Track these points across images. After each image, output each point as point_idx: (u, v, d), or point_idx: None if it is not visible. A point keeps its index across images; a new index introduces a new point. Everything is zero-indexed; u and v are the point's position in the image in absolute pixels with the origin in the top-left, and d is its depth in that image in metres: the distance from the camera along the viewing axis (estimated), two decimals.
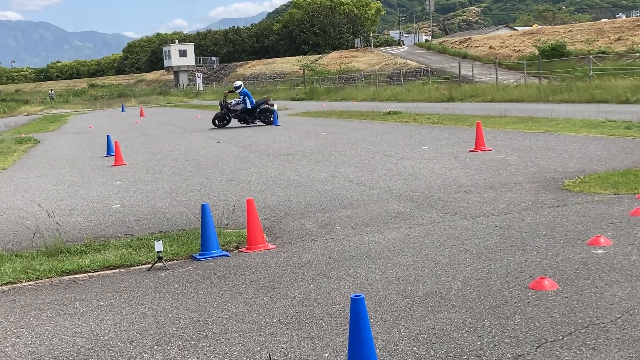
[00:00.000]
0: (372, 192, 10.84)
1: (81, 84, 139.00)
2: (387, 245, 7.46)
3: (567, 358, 4.25)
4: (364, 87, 55.32)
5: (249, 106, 27.91)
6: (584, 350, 4.36)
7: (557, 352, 4.34)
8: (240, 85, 28.24)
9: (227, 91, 30.71)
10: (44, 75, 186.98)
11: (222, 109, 28.54)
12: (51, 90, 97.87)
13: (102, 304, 6.18)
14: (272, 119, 28.11)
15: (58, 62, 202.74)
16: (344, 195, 10.69)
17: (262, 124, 28.32)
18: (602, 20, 72.02)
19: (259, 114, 28.21)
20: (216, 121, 28.59)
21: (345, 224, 8.74)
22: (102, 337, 5.28)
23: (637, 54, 42.62)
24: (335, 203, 10.16)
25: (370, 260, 6.94)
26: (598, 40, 54.14)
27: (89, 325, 5.59)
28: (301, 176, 13.10)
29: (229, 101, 28.55)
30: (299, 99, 55.26)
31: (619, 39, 52.84)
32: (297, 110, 38.55)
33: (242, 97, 28.00)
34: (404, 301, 5.58)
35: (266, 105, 28.38)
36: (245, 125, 28.27)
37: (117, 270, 7.35)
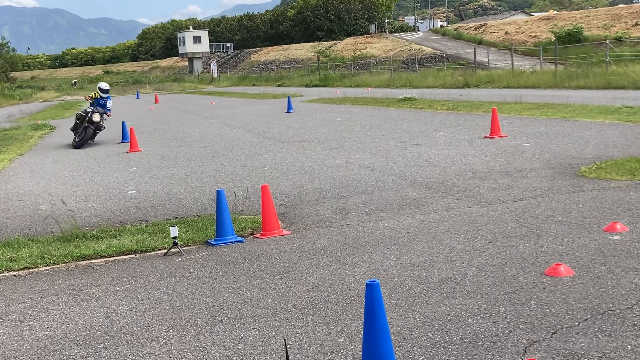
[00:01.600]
0: (386, 178, 10.82)
1: (96, 70, 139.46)
2: (401, 232, 7.45)
3: (582, 344, 4.23)
4: (379, 74, 55.12)
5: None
6: (599, 336, 4.34)
7: (573, 339, 4.33)
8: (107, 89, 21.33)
9: (89, 97, 21.50)
10: (59, 62, 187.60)
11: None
12: (74, 80, 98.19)
13: (118, 288, 6.22)
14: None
15: (73, 49, 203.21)
16: (359, 182, 10.68)
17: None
18: (619, 5, 71.34)
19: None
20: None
21: (359, 210, 8.73)
22: (118, 322, 5.32)
23: None
24: (350, 189, 10.15)
25: (384, 246, 6.93)
26: (615, 26, 53.59)
27: (105, 310, 5.63)
28: (315, 162, 13.09)
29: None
30: (313, 86, 55.14)
31: (636, 24, 52.28)
32: (311, 96, 38.48)
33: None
34: (418, 287, 5.57)
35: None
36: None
37: (133, 255, 7.39)
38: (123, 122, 21.13)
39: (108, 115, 21.09)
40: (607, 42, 39.22)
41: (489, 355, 4.19)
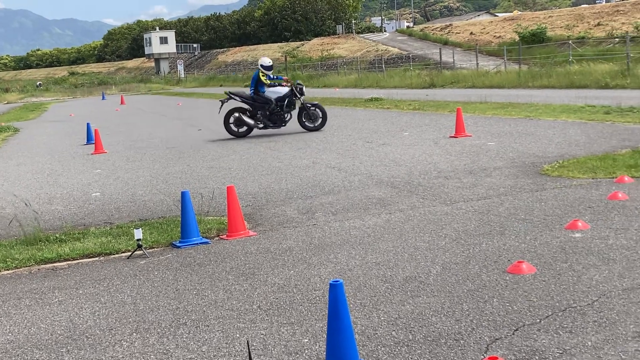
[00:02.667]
0: (353, 178, 10.85)
1: (61, 72, 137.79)
2: (367, 231, 7.47)
3: (544, 341, 4.29)
4: (346, 74, 55.26)
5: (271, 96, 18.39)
6: (561, 333, 4.39)
7: (535, 335, 4.38)
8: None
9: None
10: (23, 63, 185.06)
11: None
12: (39, 82, 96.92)
13: (81, 292, 6.15)
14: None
15: (38, 50, 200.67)
16: (325, 182, 10.70)
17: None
18: (582, 5, 72.30)
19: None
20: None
21: (326, 210, 8.74)
22: (80, 326, 5.26)
23: (617, 39, 42.84)
24: (317, 189, 10.16)
25: (350, 246, 6.95)
26: (578, 26, 54.31)
27: (67, 314, 5.57)
28: (283, 163, 13.09)
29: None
30: None
31: (598, 24, 53.05)
32: None
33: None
34: (383, 286, 5.60)
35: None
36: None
37: (97, 258, 7.31)
38: (88, 124, 20.92)
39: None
40: (570, 42, 39.77)
41: (452, 353, 4.22)
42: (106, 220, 9.19)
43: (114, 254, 7.39)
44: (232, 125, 18.69)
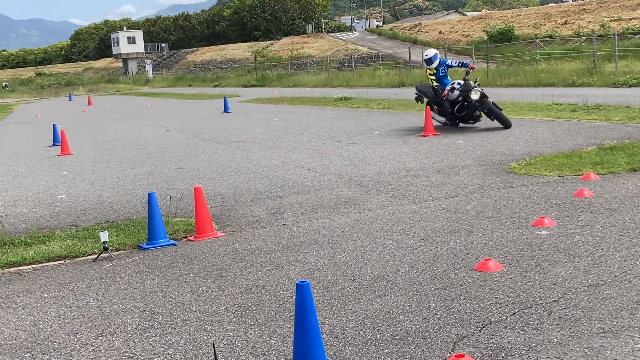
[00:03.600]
0: (322, 178, 10.84)
1: (28, 72, 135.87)
2: (336, 231, 7.47)
3: (510, 338, 4.31)
4: (316, 73, 55.23)
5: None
6: (527, 330, 4.42)
7: (501, 332, 4.40)
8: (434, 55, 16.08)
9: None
10: None
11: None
12: (5, 83, 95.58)
13: (46, 295, 6.06)
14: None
15: (4, 50, 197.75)
16: (295, 182, 10.67)
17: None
18: (549, 4, 73.01)
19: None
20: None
21: (295, 210, 8.72)
22: (45, 330, 5.18)
23: (583, 37, 43.35)
24: (286, 189, 10.13)
25: (319, 245, 6.94)
26: (545, 25, 54.87)
27: (32, 318, 5.48)
28: (252, 163, 13.04)
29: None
30: (251, 86, 54.96)
31: (565, 22, 53.63)
32: (249, 97, 38.34)
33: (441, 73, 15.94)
34: (351, 286, 5.59)
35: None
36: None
37: (62, 261, 7.22)
38: (54, 125, 20.66)
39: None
40: (537, 40, 40.15)
41: (419, 352, 4.22)
42: (72, 222, 9.08)
43: (79, 257, 7.30)
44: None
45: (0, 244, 7.81)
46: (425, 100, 16.53)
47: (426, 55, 16.06)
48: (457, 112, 15.53)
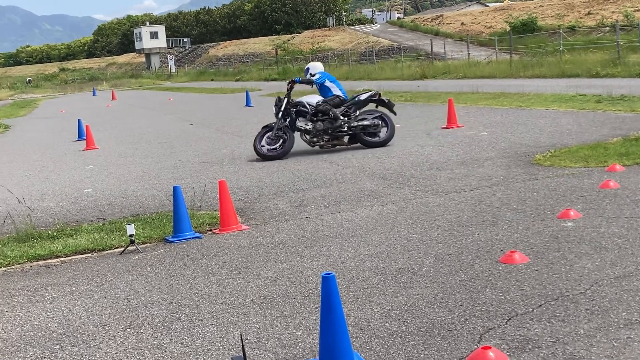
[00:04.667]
0: (345, 170, 10.85)
1: (52, 68, 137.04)
2: (359, 224, 7.48)
3: (537, 330, 4.30)
4: (337, 67, 55.15)
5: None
6: (553, 322, 4.41)
7: (527, 325, 4.39)
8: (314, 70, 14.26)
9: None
10: (13, 60, 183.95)
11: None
12: (29, 78, 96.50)
13: (74, 288, 6.14)
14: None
15: (28, 46, 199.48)
16: (317, 175, 10.69)
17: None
18: None
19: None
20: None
21: (318, 203, 8.74)
22: (74, 322, 5.25)
23: (607, 28, 42.90)
24: (309, 182, 10.16)
25: (343, 238, 6.95)
26: (568, 15, 54.38)
27: (60, 311, 5.56)
28: None
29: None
30: (272, 79, 55.01)
31: (589, 13, 53.11)
32: (270, 90, 38.38)
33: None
34: (376, 278, 5.60)
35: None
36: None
37: (90, 254, 7.30)
38: (79, 120, 20.84)
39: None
40: (561, 31, 39.79)
41: (445, 344, 4.23)
42: (98, 216, 9.17)
43: (106, 250, 7.38)
44: None
45: (28, 238, 7.91)
46: None
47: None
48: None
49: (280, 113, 13.05)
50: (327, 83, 13.62)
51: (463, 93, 23.05)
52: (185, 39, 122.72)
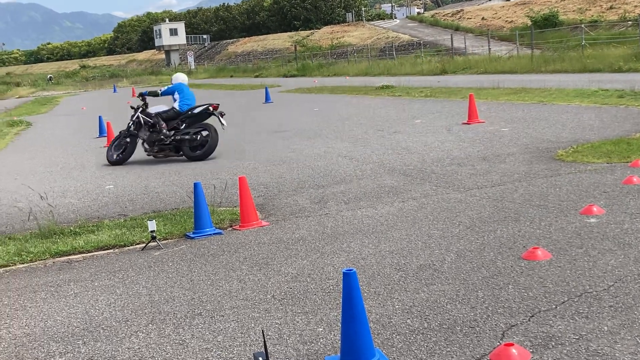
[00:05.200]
0: (365, 167, 10.83)
1: (72, 65, 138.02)
2: (380, 220, 7.46)
3: (560, 327, 4.26)
4: (356, 62, 55.09)
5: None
6: (577, 318, 4.37)
7: (550, 321, 4.35)
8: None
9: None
10: (34, 57, 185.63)
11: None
12: (50, 75, 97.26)
13: (96, 284, 6.18)
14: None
15: (48, 43, 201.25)
16: (337, 171, 10.68)
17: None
18: None
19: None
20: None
21: (338, 199, 8.73)
22: (96, 317, 5.28)
23: (629, 22, 42.46)
24: (329, 179, 10.14)
25: (363, 234, 6.94)
26: (590, 9, 53.86)
27: (83, 306, 5.59)
28: (294, 153, 13.07)
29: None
30: (291, 76, 55.03)
31: (611, 7, 52.58)
32: (289, 87, 38.40)
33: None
34: (397, 274, 5.58)
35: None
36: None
37: (111, 250, 7.34)
38: (100, 117, 20.95)
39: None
40: (583, 25, 39.45)
41: (468, 341, 4.20)
42: (120, 212, 9.22)
43: (128, 246, 7.42)
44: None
45: (51, 234, 7.97)
46: None
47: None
48: None
49: (131, 122, 14.11)
50: (176, 95, 14.10)
51: (484, 88, 22.92)
52: (205, 36, 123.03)
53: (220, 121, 13.60)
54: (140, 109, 14.13)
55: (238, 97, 34.42)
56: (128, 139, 14.00)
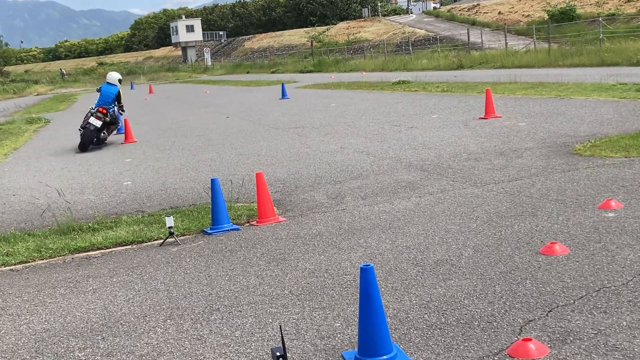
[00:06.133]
0: (382, 162, 10.82)
1: (90, 62, 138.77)
2: (397, 215, 7.45)
3: (578, 322, 4.25)
4: (373, 58, 54.99)
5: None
6: (595, 313, 4.35)
7: (569, 316, 4.34)
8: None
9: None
10: (52, 54, 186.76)
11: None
12: (61, 69, 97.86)
13: (114, 280, 6.22)
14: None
15: (66, 41, 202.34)
16: (354, 166, 10.68)
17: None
18: None
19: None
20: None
21: (355, 194, 8.73)
22: (115, 313, 5.33)
23: None
24: (345, 174, 10.15)
25: (380, 230, 6.94)
26: (608, 3, 53.43)
27: (102, 302, 5.64)
28: (310, 148, 13.08)
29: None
30: (307, 71, 55.03)
31: (628, 0, 52.14)
32: (306, 82, 38.39)
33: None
34: (414, 270, 5.58)
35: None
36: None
37: (129, 246, 7.39)
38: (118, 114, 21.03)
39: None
40: (600, 19, 39.14)
41: (485, 336, 4.20)
42: (138, 208, 9.27)
43: (146, 242, 7.46)
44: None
45: (69, 230, 8.03)
46: None
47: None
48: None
49: None
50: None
51: (500, 83, 22.81)
52: (221, 32, 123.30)
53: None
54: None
55: (255, 92, 34.47)
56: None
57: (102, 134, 16.92)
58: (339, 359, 4.13)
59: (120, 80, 17.93)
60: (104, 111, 16.82)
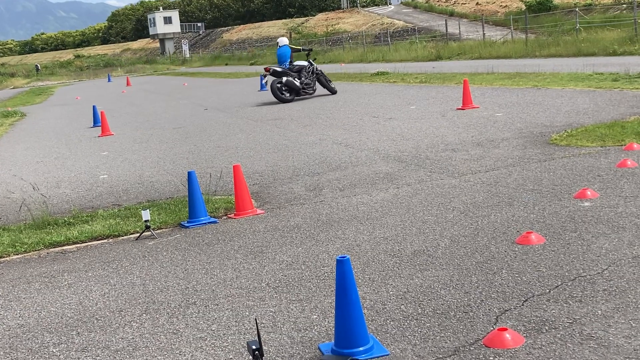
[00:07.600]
0: (360, 153, 10.81)
1: (67, 55, 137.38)
2: (375, 206, 7.45)
3: (553, 311, 4.27)
4: (352, 49, 54.92)
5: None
6: (570, 302, 4.37)
7: (544, 306, 4.36)
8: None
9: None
10: (29, 47, 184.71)
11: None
12: (37, 64, 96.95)
13: (90, 274, 6.17)
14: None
15: (43, 33, 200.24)
16: (332, 158, 10.66)
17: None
18: None
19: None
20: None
21: (333, 186, 8.72)
22: (90, 308, 5.28)
23: (624, 5, 42.37)
24: (324, 166, 10.13)
25: (358, 221, 6.93)
26: None
27: (77, 297, 5.59)
28: (289, 140, 13.05)
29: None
30: None
31: None
32: None
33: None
34: (391, 261, 5.58)
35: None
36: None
37: (105, 240, 7.33)
38: (94, 106, 20.89)
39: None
40: (577, 9, 39.36)
41: (461, 326, 4.21)
42: (114, 202, 9.20)
43: (122, 236, 7.41)
44: (280, 92, 20.83)
45: (45, 225, 7.95)
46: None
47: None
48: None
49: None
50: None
51: (478, 74, 22.87)
52: (199, 24, 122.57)
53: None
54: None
55: (233, 85, 34.33)
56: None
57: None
58: (316, 351, 4.12)
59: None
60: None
